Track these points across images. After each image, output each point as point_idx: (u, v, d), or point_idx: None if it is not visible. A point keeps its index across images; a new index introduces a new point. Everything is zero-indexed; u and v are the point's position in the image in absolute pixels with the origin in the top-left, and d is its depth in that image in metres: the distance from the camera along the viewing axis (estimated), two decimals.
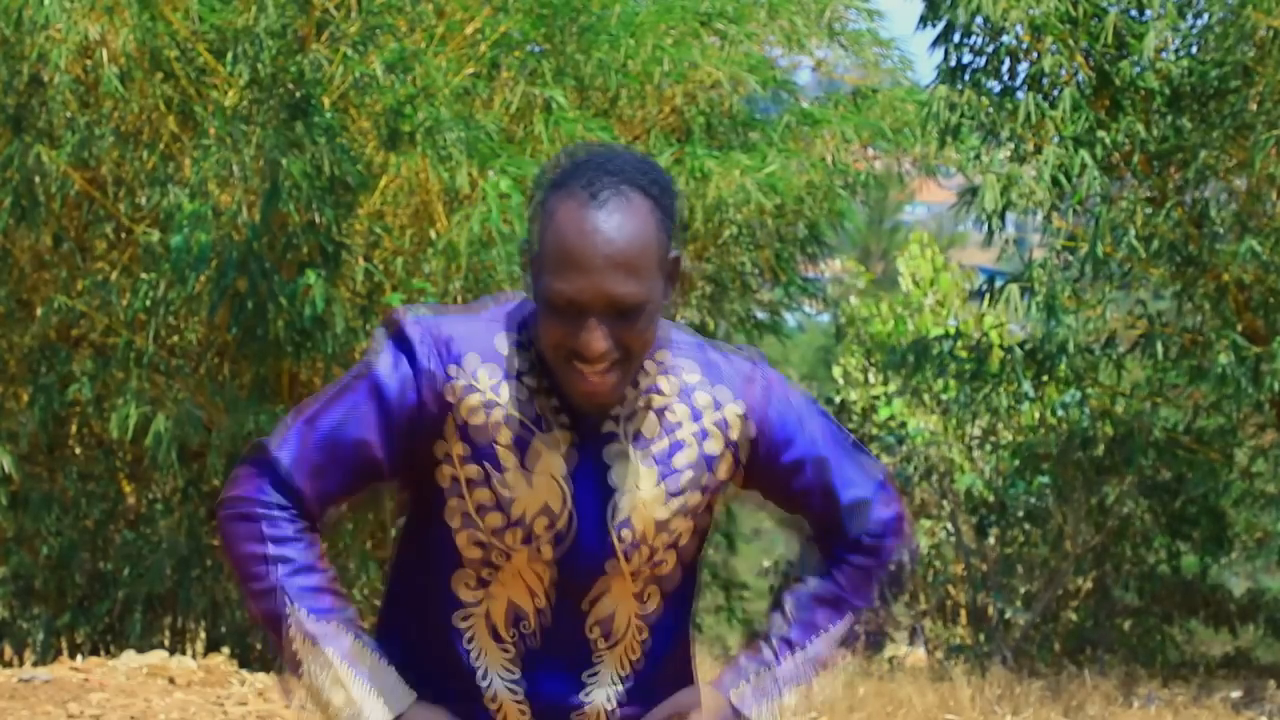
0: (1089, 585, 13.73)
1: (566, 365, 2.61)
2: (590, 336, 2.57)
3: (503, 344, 2.69)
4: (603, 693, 2.75)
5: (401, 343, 2.69)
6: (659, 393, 2.72)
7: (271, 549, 2.67)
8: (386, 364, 2.68)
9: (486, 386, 2.67)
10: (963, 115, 11.55)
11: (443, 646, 2.72)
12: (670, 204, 2.64)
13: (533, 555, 2.68)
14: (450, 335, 2.68)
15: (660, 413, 2.72)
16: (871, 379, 15.33)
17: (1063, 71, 11.74)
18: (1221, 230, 11.80)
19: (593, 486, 2.69)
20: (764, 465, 2.78)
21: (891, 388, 15.00)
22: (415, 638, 2.75)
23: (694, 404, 2.74)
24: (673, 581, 2.79)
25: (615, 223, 2.56)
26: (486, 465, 2.67)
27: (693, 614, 2.86)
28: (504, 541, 2.68)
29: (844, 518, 2.82)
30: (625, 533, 2.70)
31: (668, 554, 2.75)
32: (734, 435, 2.75)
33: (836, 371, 15.66)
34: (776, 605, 2.85)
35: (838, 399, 15.45)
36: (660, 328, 2.72)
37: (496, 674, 2.72)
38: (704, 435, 2.74)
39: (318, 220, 10.49)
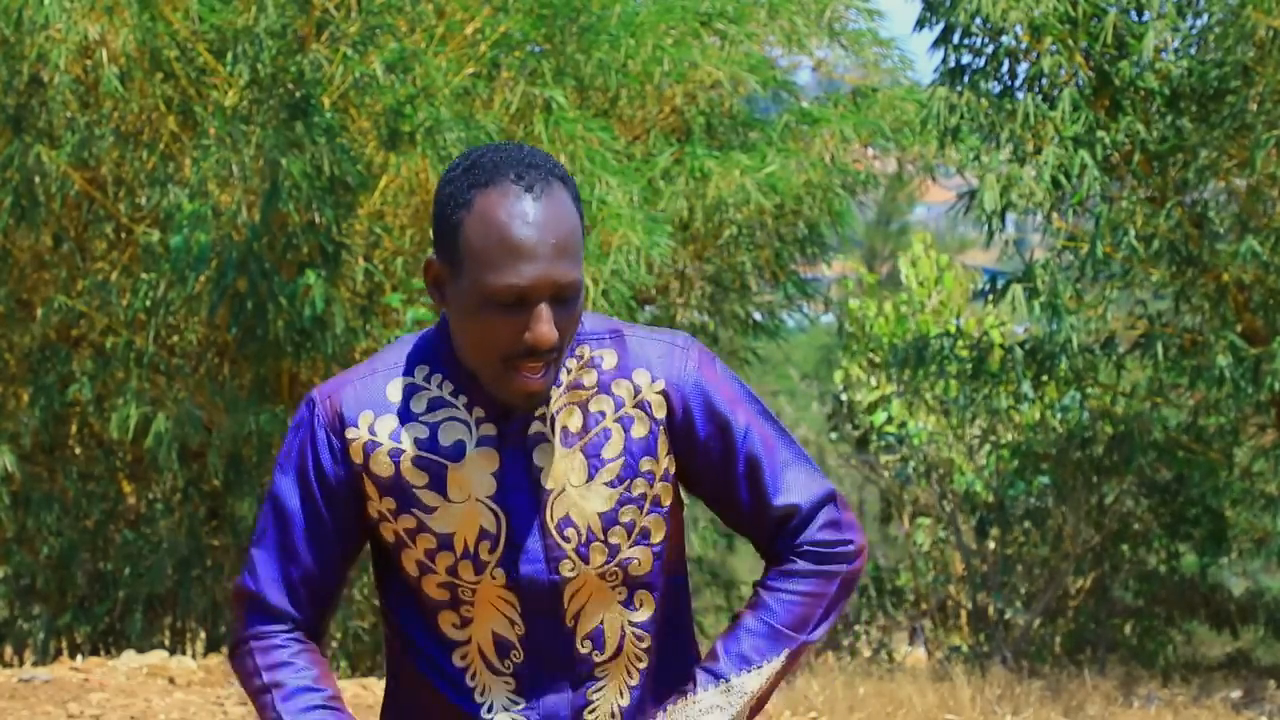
0: (1089, 585, 13.73)
1: (504, 367, 2.59)
2: (544, 327, 2.55)
3: (395, 391, 2.69)
4: (608, 705, 2.73)
5: (301, 425, 2.72)
6: (581, 387, 2.69)
7: (265, 677, 2.72)
8: (293, 451, 2.72)
9: (386, 437, 2.68)
10: (962, 116, 11.55)
11: (449, 687, 2.73)
12: (578, 196, 2.64)
13: (490, 582, 2.67)
14: (342, 400, 2.70)
15: (584, 406, 2.68)
16: (874, 380, 15.33)
17: (1062, 72, 11.74)
18: (1221, 230, 11.81)
19: (526, 494, 2.66)
20: (686, 449, 2.71)
21: (890, 389, 15.00)
22: (421, 684, 2.76)
23: (614, 392, 2.69)
24: (660, 582, 2.75)
25: (552, 209, 2.56)
26: (415, 511, 2.67)
27: (691, 608, 2.84)
28: (461, 576, 2.68)
29: (776, 525, 2.75)
30: (569, 531, 2.67)
31: (636, 550, 2.70)
32: (659, 415, 2.70)
33: (838, 375, 15.65)
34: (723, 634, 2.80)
35: (843, 399, 15.45)
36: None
37: (503, 706, 2.72)
38: (629, 421, 2.68)
39: (318, 220, 10.50)
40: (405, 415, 2.68)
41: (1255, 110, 11.28)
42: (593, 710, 2.72)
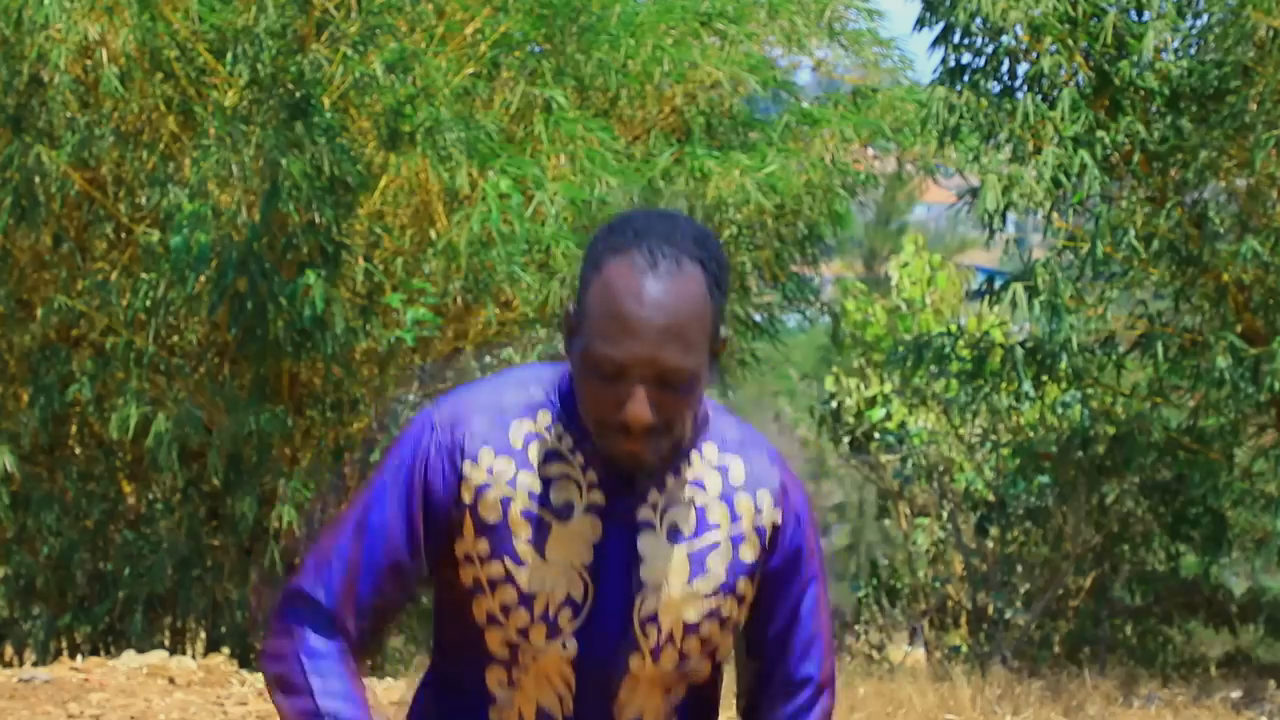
0: (1089, 585, 13.72)
1: (605, 430, 2.55)
2: (636, 407, 2.50)
3: (519, 434, 2.64)
4: None
5: (417, 445, 2.64)
6: (701, 489, 2.65)
7: (285, 700, 2.64)
8: (403, 466, 2.64)
9: (502, 481, 2.61)
10: (961, 116, 11.55)
11: None
12: (724, 282, 2.57)
13: (558, 653, 2.62)
14: (465, 431, 2.63)
15: (701, 510, 2.65)
16: (864, 385, 15.31)
17: (1062, 72, 11.73)
18: (1221, 230, 11.80)
19: (621, 577, 2.62)
20: (760, 576, 2.70)
21: (888, 388, 14.99)
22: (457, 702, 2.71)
23: (735, 507, 2.66)
24: (702, 679, 2.73)
25: (670, 292, 2.50)
26: (507, 561, 2.61)
27: (720, 686, 2.81)
28: (530, 640, 2.62)
29: (781, 687, 2.75)
30: (650, 629, 2.63)
31: (702, 663, 2.69)
32: (767, 544, 2.68)
33: (829, 382, 15.65)
34: None
35: (834, 402, 15.45)
36: (714, 419, 2.68)
37: None
38: (740, 539, 2.66)
39: (318, 220, 10.49)
40: (523, 462, 2.62)
41: (1255, 110, 11.28)
42: None
